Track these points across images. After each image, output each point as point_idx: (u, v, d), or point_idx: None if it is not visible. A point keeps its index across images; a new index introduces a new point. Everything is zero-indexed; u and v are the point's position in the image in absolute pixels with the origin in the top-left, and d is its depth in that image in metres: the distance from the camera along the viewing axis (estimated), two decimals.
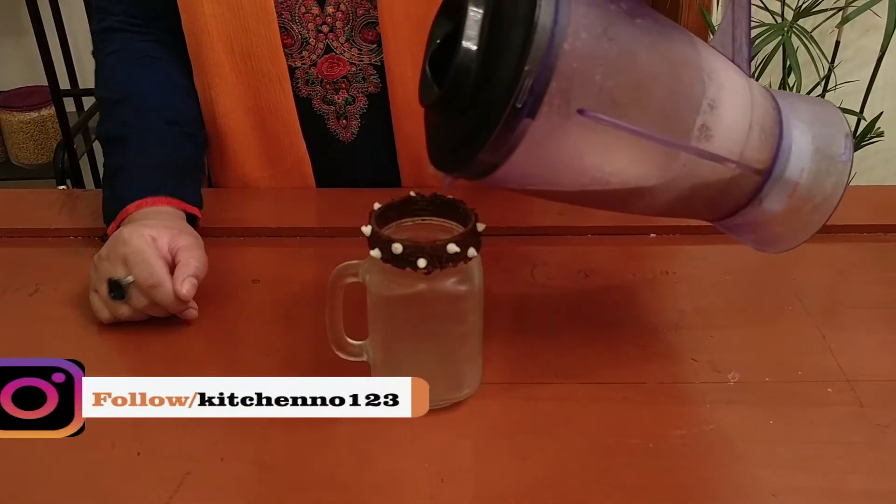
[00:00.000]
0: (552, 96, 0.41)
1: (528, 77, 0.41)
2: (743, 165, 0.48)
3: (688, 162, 0.46)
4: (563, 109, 0.42)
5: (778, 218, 0.50)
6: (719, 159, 0.47)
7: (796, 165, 0.49)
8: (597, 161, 0.46)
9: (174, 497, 0.47)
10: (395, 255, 0.47)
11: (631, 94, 0.44)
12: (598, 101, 0.43)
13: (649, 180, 0.47)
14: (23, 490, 0.48)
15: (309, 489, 0.48)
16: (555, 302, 0.64)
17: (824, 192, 0.49)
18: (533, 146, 0.43)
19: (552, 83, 0.41)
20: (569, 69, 0.41)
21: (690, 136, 0.45)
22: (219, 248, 0.71)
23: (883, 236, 0.73)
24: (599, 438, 0.51)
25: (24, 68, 1.85)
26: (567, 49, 0.41)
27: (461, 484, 0.48)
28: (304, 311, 0.62)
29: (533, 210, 0.77)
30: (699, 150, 0.46)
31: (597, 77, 0.42)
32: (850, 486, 0.48)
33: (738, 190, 0.49)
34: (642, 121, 0.44)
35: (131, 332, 0.60)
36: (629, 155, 0.46)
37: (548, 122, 0.42)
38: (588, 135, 0.44)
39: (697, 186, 0.48)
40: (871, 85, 1.68)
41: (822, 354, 0.58)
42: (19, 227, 0.73)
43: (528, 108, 0.41)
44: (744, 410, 0.53)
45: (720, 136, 0.46)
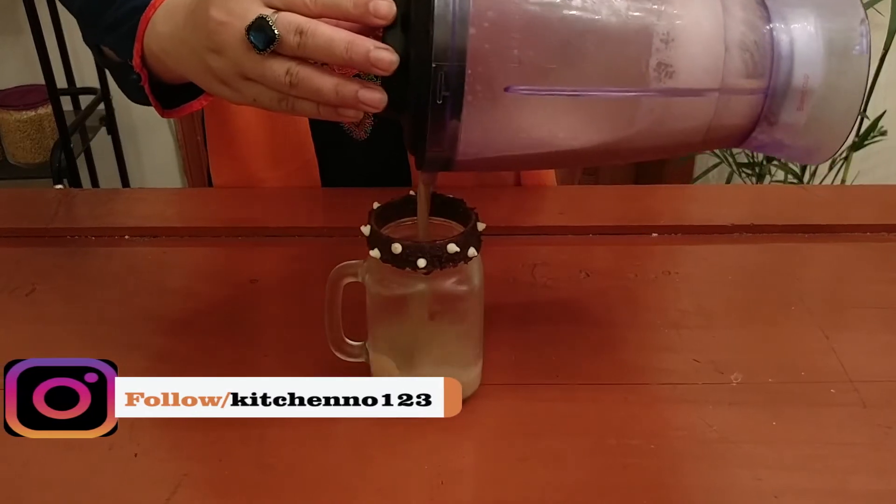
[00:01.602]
0: (472, 84, 0.40)
1: (438, 73, 0.40)
2: (728, 91, 0.44)
3: (656, 106, 0.43)
4: (489, 93, 0.41)
5: (798, 132, 0.46)
6: (693, 93, 0.43)
7: (800, 73, 0.44)
8: (552, 129, 0.44)
9: (172, 498, 0.46)
10: (395, 255, 0.46)
11: (558, 56, 0.42)
12: (522, 75, 0.41)
13: (620, 132, 0.45)
14: (22, 490, 0.47)
15: (309, 489, 0.47)
16: (555, 302, 0.64)
17: (842, 93, 0.44)
18: (477, 133, 0.42)
19: (468, 71, 0.40)
20: (481, 52, 0.40)
21: (647, 79, 0.42)
22: (218, 247, 0.70)
23: (886, 236, 0.73)
24: (600, 439, 0.51)
25: (21, 67, 1.85)
26: (474, 33, 0.40)
27: (461, 485, 0.48)
28: (304, 311, 0.61)
29: (533, 210, 0.76)
30: (663, 90, 0.43)
31: (514, 51, 0.41)
32: (853, 486, 0.48)
33: (737, 117, 0.46)
34: (581, 79, 0.42)
35: (129, 333, 0.60)
36: (583, 116, 0.44)
37: (479, 108, 0.41)
38: (529, 108, 0.42)
39: (682, 125, 0.45)
40: (874, 84, 1.68)
41: (825, 355, 0.58)
42: (16, 227, 0.73)
43: (450, 102, 0.40)
44: (746, 411, 0.53)
45: (686, 70, 0.43)
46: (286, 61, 0.43)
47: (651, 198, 0.79)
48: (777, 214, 0.75)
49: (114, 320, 0.61)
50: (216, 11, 0.45)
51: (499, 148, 0.44)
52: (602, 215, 0.75)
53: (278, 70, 0.43)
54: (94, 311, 0.63)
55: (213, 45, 0.45)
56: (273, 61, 0.43)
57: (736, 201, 0.81)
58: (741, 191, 1.12)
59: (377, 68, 0.42)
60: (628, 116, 0.44)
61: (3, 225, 0.73)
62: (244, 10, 0.43)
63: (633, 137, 0.45)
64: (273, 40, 0.42)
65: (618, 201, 0.79)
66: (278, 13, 0.43)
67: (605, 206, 0.77)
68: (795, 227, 0.73)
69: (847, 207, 0.77)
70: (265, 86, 0.45)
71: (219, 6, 0.45)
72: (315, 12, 0.43)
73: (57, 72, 1.61)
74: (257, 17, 0.43)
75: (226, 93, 0.47)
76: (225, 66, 0.45)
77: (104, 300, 0.64)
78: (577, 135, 0.44)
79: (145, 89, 0.56)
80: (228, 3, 0.44)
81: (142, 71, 0.54)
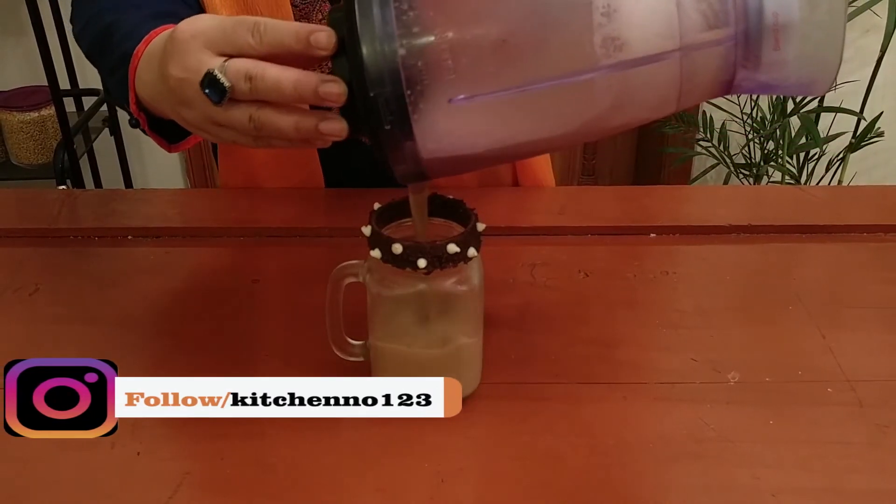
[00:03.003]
0: (415, 104, 0.40)
1: (378, 100, 0.40)
2: (691, 49, 0.41)
3: (614, 82, 0.41)
4: (434, 108, 0.40)
5: (783, 71, 0.43)
6: (651, 60, 0.41)
7: (768, 13, 0.41)
8: (511, 126, 0.43)
9: (174, 497, 0.47)
10: (395, 255, 0.47)
11: (494, 58, 0.40)
12: (462, 84, 0.40)
13: (585, 114, 0.43)
14: (22, 490, 0.48)
15: (309, 489, 0.48)
16: (555, 302, 0.64)
17: (820, 24, 0.42)
18: (437, 145, 0.42)
19: (406, 93, 0.40)
20: (415, 72, 0.40)
21: (595, 58, 0.40)
22: (219, 247, 0.71)
23: (883, 236, 0.73)
24: (599, 438, 0.51)
25: (24, 68, 1.85)
26: (404, 54, 0.39)
27: (461, 484, 0.48)
28: (305, 311, 0.62)
29: (532, 210, 0.77)
30: (616, 65, 0.40)
31: (448, 62, 0.40)
32: (850, 485, 0.48)
33: (709, 71, 0.43)
34: (525, 74, 0.40)
35: (131, 333, 0.60)
36: (540, 107, 0.42)
37: (430, 124, 0.41)
38: (481, 112, 0.41)
39: (650, 93, 0.43)
40: (871, 85, 1.68)
41: (822, 354, 0.58)
42: (19, 227, 0.73)
43: (398, 125, 0.40)
44: (744, 410, 0.53)
45: (637, 39, 0.40)
46: (247, 107, 0.44)
47: (649, 198, 0.79)
48: (774, 215, 0.75)
49: (116, 320, 0.62)
50: (174, 69, 0.46)
51: (467, 152, 0.44)
52: (601, 216, 0.75)
53: (241, 117, 0.44)
54: (97, 310, 0.63)
55: (179, 100, 0.47)
56: (234, 109, 0.44)
57: (733, 202, 0.81)
58: (739, 191, 1.12)
59: (328, 101, 0.42)
60: (587, 99, 0.42)
61: (7, 225, 0.73)
62: (198, 64, 0.44)
63: (600, 116, 0.43)
64: (225, 92, 0.43)
65: (616, 202, 0.79)
66: (228, 60, 0.44)
67: (604, 207, 0.77)
68: (793, 228, 0.73)
69: (844, 208, 0.77)
70: (236, 131, 0.46)
71: (175, 63, 0.46)
72: (262, 53, 0.43)
73: (60, 73, 1.61)
74: (206, 72, 0.43)
75: (207, 137, 0.48)
76: (196, 117, 0.47)
77: (107, 300, 0.64)
78: (540, 126, 0.43)
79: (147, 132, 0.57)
80: (184, 59, 0.45)
81: (139, 116, 0.55)
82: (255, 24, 0.43)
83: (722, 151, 1.84)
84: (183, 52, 0.45)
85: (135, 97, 0.53)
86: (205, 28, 0.45)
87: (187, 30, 0.45)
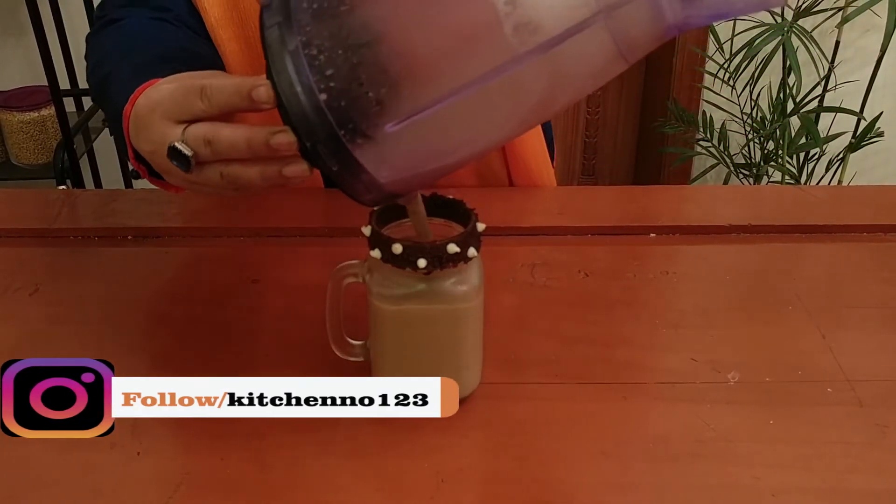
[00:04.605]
0: (352, 141, 0.40)
1: (317, 149, 0.40)
2: (611, 7, 0.38)
3: (542, 66, 0.39)
4: (374, 140, 0.40)
5: None
6: (572, 33, 0.38)
7: None
8: (459, 133, 0.42)
9: (174, 497, 0.47)
10: (395, 255, 0.47)
11: (410, 80, 0.40)
12: (388, 112, 0.40)
13: (529, 101, 0.42)
14: (22, 490, 0.48)
15: (309, 489, 0.48)
16: (555, 302, 0.64)
17: None
18: (393, 170, 0.42)
19: (340, 133, 0.40)
20: (341, 112, 0.40)
21: (513, 49, 0.38)
22: (219, 247, 0.71)
23: (883, 236, 0.73)
24: (599, 438, 0.51)
25: (24, 68, 1.85)
26: (325, 98, 0.39)
27: (461, 484, 0.48)
28: (305, 311, 0.62)
29: (532, 210, 0.77)
30: (536, 49, 0.38)
31: (369, 94, 0.39)
32: (850, 485, 0.48)
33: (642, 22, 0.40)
34: (449, 84, 0.39)
35: (131, 333, 0.60)
36: (480, 109, 0.41)
37: (375, 154, 0.41)
38: (421, 130, 0.41)
39: (587, 63, 0.41)
40: (871, 85, 1.68)
41: (822, 354, 0.58)
42: (19, 227, 0.73)
43: (344, 164, 0.41)
44: (744, 410, 0.53)
45: (549, 18, 0.38)
46: (215, 166, 0.46)
47: (649, 198, 0.79)
48: (774, 215, 0.75)
49: (116, 320, 0.62)
50: (143, 143, 0.49)
51: (426, 166, 0.44)
52: (601, 216, 0.75)
53: (213, 175, 0.46)
54: (97, 310, 0.63)
55: (157, 168, 0.50)
56: (205, 170, 0.46)
57: (733, 202, 0.81)
58: (739, 191, 1.12)
59: (281, 152, 0.43)
60: (523, 88, 0.41)
61: (7, 225, 0.73)
62: (161, 137, 0.47)
63: (544, 98, 0.42)
64: (190, 160, 0.45)
65: (616, 202, 0.79)
66: (188, 128, 0.46)
67: (604, 207, 0.77)
68: (793, 228, 0.73)
69: (844, 208, 0.77)
70: (213, 187, 0.48)
71: (143, 138, 0.49)
72: (216, 115, 0.45)
73: (60, 73, 1.61)
74: (169, 145, 0.46)
75: (194, 191, 0.50)
76: (176, 180, 0.49)
77: (107, 300, 0.64)
78: (487, 124, 0.43)
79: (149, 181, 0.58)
80: (148, 134, 0.48)
81: (139, 168, 0.56)
82: (201, 89, 0.45)
83: (722, 151, 1.84)
84: (146, 127, 0.48)
85: (133, 152, 0.54)
86: (160, 100, 0.47)
87: (145, 104, 0.48)
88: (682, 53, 1.88)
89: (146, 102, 0.49)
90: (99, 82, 0.63)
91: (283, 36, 0.40)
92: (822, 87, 1.73)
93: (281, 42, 0.40)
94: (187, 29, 0.70)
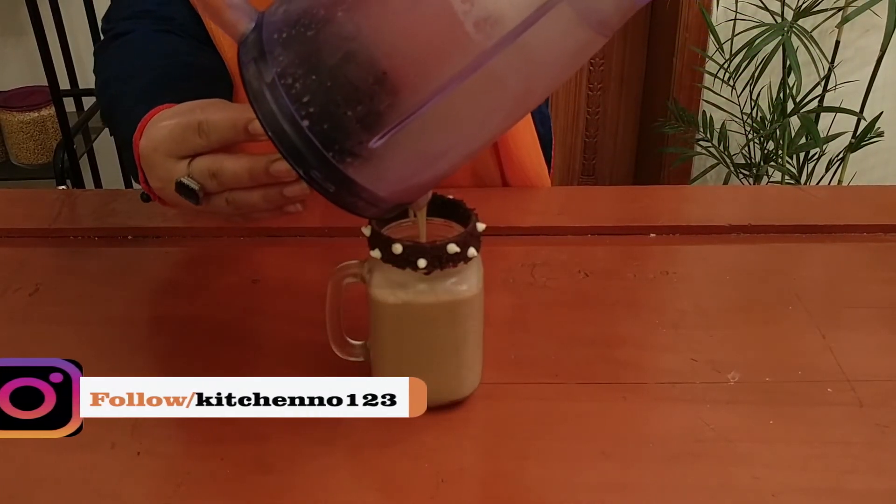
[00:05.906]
0: (342, 160, 0.40)
1: (310, 175, 0.41)
2: None
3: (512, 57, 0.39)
4: (361, 158, 0.41)
5: None
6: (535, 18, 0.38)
7: None
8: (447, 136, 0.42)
9: (174, 497, 0.47)
10: (395, 255, 0.47)
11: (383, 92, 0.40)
12: (369, 127, 0.40)
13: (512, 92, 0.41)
14: (22, 490, 0.48)
15: (309, 489, 0.48)
16: (555, 302, 0.64)
17: None
18: (390, 182, 0.43)
19: (328, 155, 0.40)
20: (325, 134, 0.40)
21: (478, 45, 0.38)
22: (219, 247, 0.71)
23: (883, 236, 0.73)
24: (599, 438, 0.51)
25: (24, 68, 1.85)
26: (308, 124, 0.40)
27: (461, 484, 0.48)
28: (305, 311, 0.62)
29: (532, 210, 0.77)
30: (503, 41, 0.38)
31: (347, 113, 0.40)
32: (850, 485, 0.48)
33: None
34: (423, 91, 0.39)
35: (131, 333, 0.60)
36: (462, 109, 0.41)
37: (368, 171, 0.41)
38: (407, 139, 0.41)
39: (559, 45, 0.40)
40: (871, 85, 1.68)
41: (822, 354, 0.58)
42: (19, 227, 0.73)
43: (339, 186, 0.41)
44: (744, 410, 0.53)
45: (507, 8, 0.38)
46: (222, 195, 0.49)
47: (649, 198, 0.79)
48: (774, 215, 0.75)
49: (116, 320, 0.62)
50: (152, 180, 0.52)
51: (423, 173, 0.44)
52: (601, 216, 0.75)
53: (220, 203, 0.50)
54: (97, 311, 0.63)
55: (168, 202, 0.54)
56: (212, 200, 0.50)
57: (733, 202, 0.81)
58: (739, 191, 1.12)
59: (281, 178, 0.47)
60: (500, 82, 0.40)
61: (7, 225, 0.73)
62: (167, 174, 0.50)
63: (525, 88, 0.42)
64: (197, 193, 0.49)
65: (616, 202, 0.79)
66: (192, 163, 0.49)
67: (604, 207, 0.77)
68: (792, 228, 0.74)
69: (844, 208, 0.77)
70: (222, 214, 0.51)
71: (151, 175, 0.52)
72: (216, 147, 0.49)
73: (60, 73, 1.61)
74: (175, 181, 0.49)
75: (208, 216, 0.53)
76: (187, 209, 0.52)
77: (107, 300, 0.64)
78: (473, 122, 0.43)
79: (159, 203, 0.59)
80: (155, 171, 0.51)
81: (151, 193, 0.57)
82: (198, 125, 0.48)
83: (722, 151, 1.84)
84: (152, 166, 0.51)
85: (143, 176, 0.55)
86: (161, 139, 0.50)
87: (148, 145, 0.51)
88: (682, 53, 1.88)
89: (148, 143, 0.51)
90: (107, 104, 0.65)
91: (260, 70, 0.41)
92: (822, 87, 1.73)
93: (258, 77, 0.41)
94: (191, 38, 0.71)
